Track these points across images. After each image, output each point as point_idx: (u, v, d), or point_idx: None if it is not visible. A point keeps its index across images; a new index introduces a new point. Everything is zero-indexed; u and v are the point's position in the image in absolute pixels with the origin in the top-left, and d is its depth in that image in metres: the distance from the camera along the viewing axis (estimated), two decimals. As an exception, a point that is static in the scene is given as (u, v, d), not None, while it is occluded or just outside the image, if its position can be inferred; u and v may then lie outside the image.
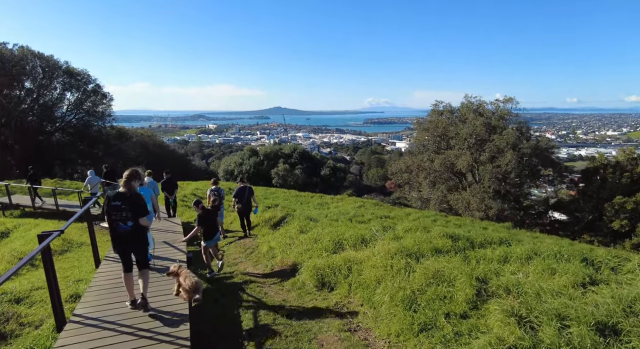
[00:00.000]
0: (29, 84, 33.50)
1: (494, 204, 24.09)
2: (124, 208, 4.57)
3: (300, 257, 6.42)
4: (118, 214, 4.60)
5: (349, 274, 5.28)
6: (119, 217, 4.60)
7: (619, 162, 24.25)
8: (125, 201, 4.58)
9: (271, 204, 20.13)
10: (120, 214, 4.59)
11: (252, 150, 33.25)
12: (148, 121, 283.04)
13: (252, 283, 6.10)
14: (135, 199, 4.64)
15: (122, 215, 4.59)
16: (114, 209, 4.60)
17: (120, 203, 4.57)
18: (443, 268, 4.45)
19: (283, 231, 8.20)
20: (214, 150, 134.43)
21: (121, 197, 4.60)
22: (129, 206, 4.58)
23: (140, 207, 4.64)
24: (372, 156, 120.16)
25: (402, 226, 6.66)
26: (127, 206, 4.58)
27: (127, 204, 4.58)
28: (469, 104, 28.97)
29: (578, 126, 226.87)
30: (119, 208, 4.58)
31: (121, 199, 4.58)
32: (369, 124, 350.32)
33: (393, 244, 5.63)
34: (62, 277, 6.69)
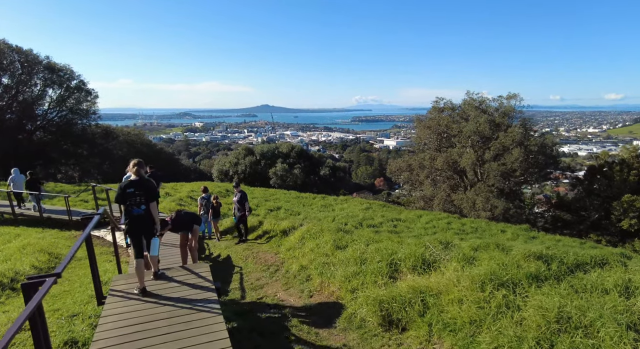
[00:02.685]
0: (6, 79, 31.38)
1: (499, 203, 23.44)
2: (137, 194, 5.00)
3: (349, 283, 5.31)
4: (133, 199, 5.00)
5: (424, 311, 4.21)
6: (133, 201, 5.01)
7: (625, 159, 23.88)
8: (138, 187, 5.00)
9: (273, 206, 19.01)
10: (135, 199, 5.00)
11: (248, 149, 31.83)
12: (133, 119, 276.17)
13: (293, 317, 4.97)
14: (147, 184, 5.14)
15: (136, 200, 5.00)
16: (129, 195, 5.00)
17: (133, 189, 4.98)
18: (564, 305, 3.44)
19: (313, 245, 7.07)
20: (201, 148, 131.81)
21: (134, 184, 5.01)
22: (142, 191, 5.01)
23: (152, 191, 5.16)
24: (361, 154, 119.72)
25: (468, 244, 5.63)
26: (140, 191, 5.01)
27: (140, 190, 5.00)
28: (471, 100, 28.29)
29: (561, 123, 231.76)
30: (133, 194, 4.99)
31: (134, 186, 4.99)
32: (357, 122, 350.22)
33: (471, 269, 4.59)
34: (51, 310, 5.46)
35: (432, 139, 28.89)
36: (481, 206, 23.51)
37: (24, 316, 2.23)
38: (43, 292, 2.56)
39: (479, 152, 25.54)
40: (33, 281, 2.79)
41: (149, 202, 5.08)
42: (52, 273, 2.87)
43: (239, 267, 7.69)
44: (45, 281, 2.72)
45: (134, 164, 5.16)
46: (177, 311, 4.13)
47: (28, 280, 2.81)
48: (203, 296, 4.45)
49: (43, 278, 2.81)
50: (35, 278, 2.84)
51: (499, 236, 14.21)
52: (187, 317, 4.00)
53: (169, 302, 4.34)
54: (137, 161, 5.21)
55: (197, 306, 4.21)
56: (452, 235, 13.62)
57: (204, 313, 4.07)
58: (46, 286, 2.65)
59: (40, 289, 2.51)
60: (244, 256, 8.32)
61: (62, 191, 20.51)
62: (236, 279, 6.97)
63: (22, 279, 7.63)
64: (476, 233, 14.99)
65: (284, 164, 28.91)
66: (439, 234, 14.02)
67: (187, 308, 4.17)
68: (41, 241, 10.33)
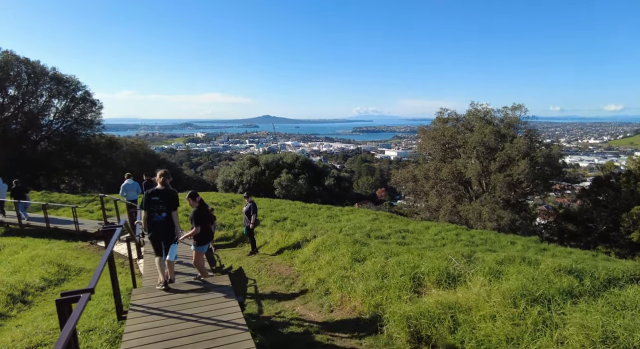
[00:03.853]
0: (13, 90, 31.59)
1: (505, 214, 23.28)
2: (160, 202, 5.42)
3: (371, 298, 5.18)
4: (155, 207, 5.42)
5: (455, 327, 4.08)
6: (156, 209, 5.42)
7: (631, 171, 23.78)
8: (162, 196, 5.44)
9: (279, 217, 18.89)
10: (158, 206, 5.41)
11: (252, 159, 31.79)
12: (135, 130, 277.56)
13: (316, 333, 4.83)
14: (171, 193, 5.54)
15: (159, 207, 5.41)
16: (153, 203, 5.42)
17: (158, 198, 5.42)
18: (607, 324, 3.33)
19: (329, 257, 6.95)
20: (203, 159, 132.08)
21: (159, 193, 5.45)
22: (165, 200, 5.44)
23: (174, 201, 5.56)
24: (362, 164, 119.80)
25: (492, 257, 5.51)
26: (164, 200, 5.43)
27: (163, 199, 5.43)
28: (475, 111, 28.39)
29: (561, 134, 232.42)
30: (157, 202, 5.42)
31: (159, 195, 5.44)
32: (358, 133, 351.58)
33: (500, 284, 4.48)
34: (68, 324, 5.30)
35: (436, 150, 28.87)
36: (487, 217, 23.37)
37: (66, 335, 2.12)
38: (80, 309, 2.46)
39: (484, 163, 25.50)
40: (67, 298, 2.69)
41: (171, 211, 5.49)
42: (86, 289, 2.77)
43: (253, 280, 7.56)
44: (80, 297, 2.62)
45: (160, 174, 5.63)
46: (201, 327, 4.01)
47: (62, 296, 2.71)
48: (226, 312, 4.33)
49: (77, 293, 2.71)
50: (69, 293, 2.74)
51: (510, 248, 14.06)
52: (212, 334, 3.88)
53: (191, 318, 4.22)
54: (163, 172, 5.69)
55: (222, 322, 4.09)
56: (462, 247, 13.49)
57: (230, 329, 3.95)
58: (82, 303, 2.55)
59: (74, 314, 2.40)
60: (256, 268, 8.19)
61: (67, 201, 20.44)
62: (251, 292, 6.84)
63: (33, 292, 7.51)
64: (486, 245, 14.83)
65: (289, 174, 28.85)
66: (448, 246, 13.88)
67: (211, 324, 4.05)
68: (49, 252, 10.21)
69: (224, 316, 4.23)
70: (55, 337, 4.79)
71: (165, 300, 4.70)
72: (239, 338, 3.80)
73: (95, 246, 12.45)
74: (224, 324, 4.06)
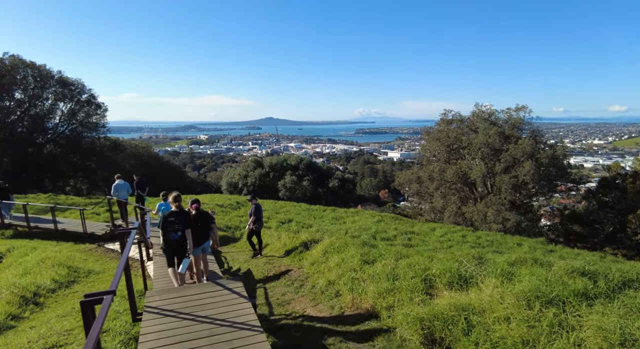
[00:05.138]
0: (19, 94, 31.86)
1: (511, 215, 23.20)
2: (176, 222, 6.11)
3: (383, 300, 5.19)
4: (171, 227, 6.09)
5: (469, 330, 4.08)
6: (172, 229, 6.09)
7: (638, 171, 23.65)
8: (177, 217, 6.14)
9: (284, 219, 18.92)
10: (174, 226, 6.09)
11: (257, 161, 31.85)
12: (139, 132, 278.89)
13: (328, 335, 4.84)
14: (185, 215, 6.29)
15: (175, 227, 6.10)
16: (169, 223, 6.10)
17: (174, 219, 6.11)
18: (625, 326, 3.32)
19: (338, 259, 6.96)
20: (206, 161, 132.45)
21: (174, 215, 6.14)
22: (180, 221, 6.14)
23: (188, 221, 6.26)
24: (365, 165, 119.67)
25: (503, 258, 5.51)
26: (179, 220, 6.13)
27: (179, 219, 6.13)
28: (479, 112, 28.37)
29: (565, 135, 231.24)
30: (173, 222, 6.10)
31: (174, 216, 6.13)
32: (361, 134, 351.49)
33: (512, 285, 4.48)
34: (80, 326, 5.35)
35: (441, 151, 28.84)
36: (492, 218, 23.29)
37: (95, 336, 2.15)
38: (105, 310, 2.49)
39: (489, 165, 25.45)
40: (91, 299, 2.73)
41: (185, 229, 6.18)
42: (108, 290, 2.81)
43: (262, 282, 7.58)
44: (104, 299, 2.66)
45: (174, 198, 6.27)
46: (216, 329, 4.03)
47: (86, 297, 2.75)
48: (241, 313, 4.35)
49: (100, 295, 2.74)
50: (92, 295, 2.77)
51: (517, 249, 14.02)
52: (228, 335, 3.90)
53: (206, 319, 4.24)
54: (176, 195, 6.32)
55: (237, 324, 4.11)
56: (469, 248, 13.46)
57: (245, 331, 3.97)
58: (106, 304, 2.58)
59: (101, 308, 2.44)
60: (265, 270, 8.21)
61: (74, 203, 20.59)
62: (261, 294, 6.86)
63: (44, 293, 7.57)
64: (492, 246, 14.80)
65: (293, 176, 28.89)
66: (455, 248, 13.86)
67: (226, 326, 4.07)
68: (58, 255, 10.28)
69: (239, 318, 4.25)
70: (70, 338, 4.83)
71: (179, 302, 4.73)
72: (254, 339, 3.82)
73: (103, 248, 12.52)
74: (239, 326, 4.09)
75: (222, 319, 4.23)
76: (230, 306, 4.57)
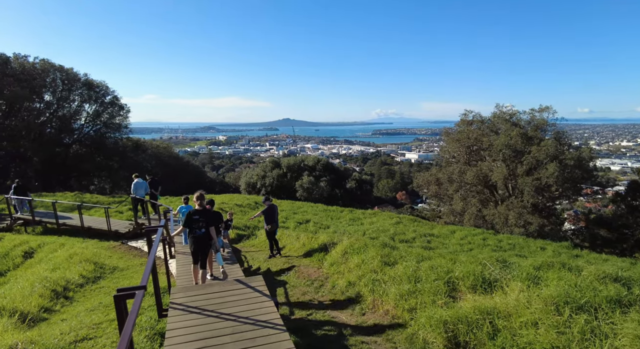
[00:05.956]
0: (48, 96, 33.15)
1: (533, 219, 22.58)
2: (200, 220, 6.46)
3: (405, 302, 5.15)
4: (196, 224, 6.45)
5: (495, 334, 4.01)
6: (197, 226, 6.46)
7: (670, 174, 22.63)
8: (201, 215, 6.49)
9: (302, 219, 18.99)
10: (198, 224, 6.45)
11: (275, 162, 32.09)
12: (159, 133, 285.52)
13: (349, 336, 4.83)
14: (208, 213, 6.61)
15: (199, 224, 6.45)
16: (194, 221, 6.46)
17: (198, 217, 6.46)
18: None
19: (358, 260, 6.94)
20: (224, 161, 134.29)
21: (199, 213, 6.51)
22: (204, 218, 6.49)
23: (211, 219, 6.59)
24: (382, 167, 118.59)
25: (529, 262, 5.38)
26: (203, 218, 6.48)
27: (203, 217, 6.48)
28: (501, 113, 27.75)
29: (591, 136, 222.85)
30: (198, 220, 6.46)
31: (199, 214, 6.49)
32: (378, 135, 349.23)
33: (539, 290, 4.36)
34: (108, 320, 5.51)
35: (460, 152, 28.36)
36: (514, 221, 22.73)
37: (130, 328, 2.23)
38: (138, 304, 2.57)
39: (511, 166, 24.85)
40: (123, 294, 2.82)
41: (209, 227, 6.50)
42: (139, 286, 2.90)
43: (281, 281, 7.63)
44: (136, 294, 2.74)
45: (197, 197, 6.61)
46: (240, 327, 4.09)
47: (118, 292, 2.84)
48: (263, 312, 4.40)
49: (132, 290, 2.83)
50: (125, 290, 2.87)
51: (540, 253, 13.64)
52: (251, 333, 3.95)
53: (230, 317, 4.31)
54: (199, 195, 6.65)
55: (260, 322, 4.16)
56: (489, 252, 13.18)
57: (268, 329, 4.01)
58: (139, 299, 2.66)
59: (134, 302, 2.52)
60: (285, 270, 8.26)
61: (98, 201, 21.22)
62: (281, 294, 6.90)
63: (73, 288, 7.84)
64: (514, 250, 14.47)
65: (310, 176, 28.97)
66: (475, 251, 13.60)
67: (249, 324, 4.12)
68: (85, 251, 10.63)
69: (261, 316, 4.30)
70: (99, 332, 4.99)
71: (202, 299, 4.82)
72: (277, 338, 3.85)
73: (126, 245, 12.87)
74: (262, 324, 4.13)
75: (245, 317, 4.29)
76: (253, 305, 4.62)
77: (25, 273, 9.82)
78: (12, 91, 27.65)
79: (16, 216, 15.22)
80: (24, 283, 7.68)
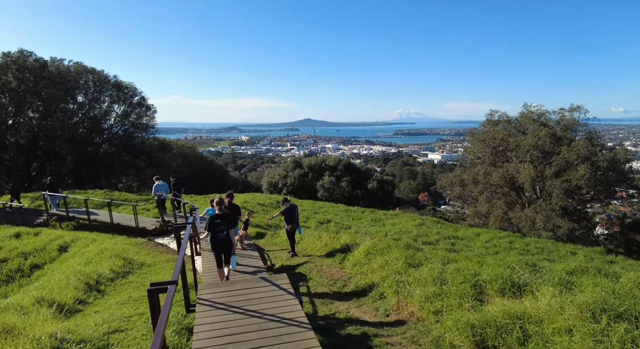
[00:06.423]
0: (81, 97, 34.59)
1: (562, 222, 21.74)
2: (222, 223, 6.80)
3: (430, 304, 5.08)
4: (218, 228, 6.79)
5: (525, 340, 3.89)
6: (218, 229, 6.79)
7: None
8: (223, 219, 6.83)
9: (323, 219, 19.02)
10: (220, 227, 6.78)
11: (296, 162, 32.31)
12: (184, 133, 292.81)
13: (374, 337, 4.81)
14: (229, 216, 6.98)
15: (221, 228, 6.79)
16: (216, 225, 6.79)
17: (220, 221, 6.80)
18: None
19: (381, 261, 6.89)
20: (247, 161, 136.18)
21: (220, 217, 6.85)
22: (225, 222, 6.83)
23: (232, 222, 6.97)
24: (404, 167, 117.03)
25: (561, 267, 5.20)
26: (224, 221, 6.82)
27: (224, 221, 6.82)
28: (528, 113, 26.93)
29: (626, 137, 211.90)
30: (219, 224, 6.79)
31: (220, 218, 6.83)
32: (400, 135, 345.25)
33: (573, 296, 4.21)
34: (137, 314, 5.70)
35: (486, 153, 27.71)
36: (542, 225, 21.97)
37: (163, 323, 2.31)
38: (170, 298, 2.66)
39: (538, 168, 24.06)
40: (156, 288, 2.92)
41: (229, 229, 6.87)
42: (171, 281, 2.99)
43: (304, 280, 7.67)
44: (168, 288, 2.84)
45: (217, 202, 7.10)
46: (265, 324, 4.15)
47: (151, 286, 2.94)
48: (288, 309, 4.45)
49: (164, 284, 2.93)
50: (157, 284, 2.97)
51: (571, 258, 13.14)
52: (277, 331, 4.00)
53: (255, 314, 4.38)
54: (218, 200, 7.11)
55: (285, 319, 4.21)
56: (516, 255, 12.79)
57: (293, 327, 4.05)
58: (171, 293, 2.76)
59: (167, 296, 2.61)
60: (307, 269, 8.30)
61: (126, 199, 21.94)
62: (303, 292, 6.94)
63: (105, 282, 8.16)
64: (543, 254, 14.00)
65: (331, 177, 28.98)
66: (501, 254, 13.24)
67: (275, 321, 4.18)
68: (115, 247, 11.02)
69: (287, 314, 4.34)
70: (130, 324, 5.17)
71: (228, 296, 4.91)
72: (303, 336, 3.88)
73: (153, 242, 13.25)
74: (287, 322, 4.17)
75: (270, 315, 4.34)
76: (278, 302, 4.68)
77: (61, 266, 10.31)
78: (48, 93, 29.02)
79: (51, 211, 15.97)
80: (60, 276, 8.05)
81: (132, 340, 4.77)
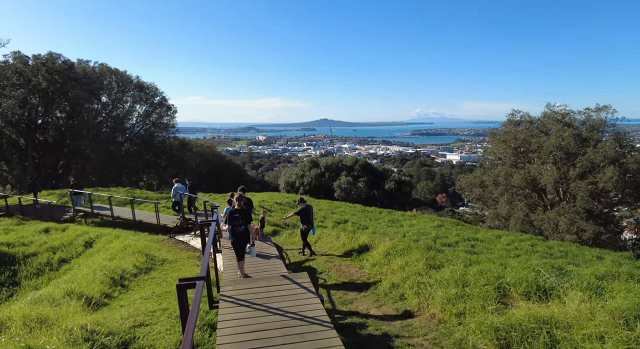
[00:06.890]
0: (105, 98, 35.62)
1: (588, 226, 21.03)
2: (240, 218, 7.13)
3: (452, 306, 5.02)
4: (236, 222, 7.10)
5: (553, 345, 3.79)
6: (237, 223, 7.10)
7: None
8: (240, 213, 7.16)
9: (340, 219, 19.02)
10: (238, 221, 7.10)
11: (313, 161, 32.40)
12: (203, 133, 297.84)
13: (395, 338, 4.79)
14: (246, 211, 7.32)
15: (239, 222, 7.10)
16: (235, 219, 7.12)
17: (238, 215, 7.13)
18: None
19: (401, 262, 6.85)
20: (263, 161, 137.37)
21: (238, 211, 7.19)
22: (243, 216, 7.16)
23: (249, 216, 7.32)
24: (421, 168, 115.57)
25: (590, 271, 5.06)
26: (242, 216, 7.15)
27: (242, 215, 7.15)
28: (552, 113, 26.14)
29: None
30: (238, 218, 7.12)
31: (238, 213, 7.17)
32: (417, 135, 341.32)
33: (603, 301, 4.08)
34: (161, 309, 5.83)
35: (507, 154, 27.07)
36: (565, 228, 21.31)
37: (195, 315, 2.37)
38: (199, 293, 2.73)
39: (562, 169, 23.35)
40: (185, 283, 3.00)
41: (247, 224, 7.18)
42: (199, 276, 3.07)
43: (323, 279, 7.70)
44: (197, 284, 2.91)
45: (237, 198, 7.58)
46: (288, 322, 4.19)
47: (180, 282, 3.02)
48: (310, 308, 4.48)
49: (193, 280, 3.00)
50: (186, 280, 3.05)
51: (597, 263, 12.70)
52: (299, 329, 4.04)
53: (278, 312, 4.43)
54: (238, 196, 7.76)
55: (307, 318, 4.24)
56: (538, 258, 12.47)
57: (315, 325, 4.08)
58: (200, 288, 2.82)
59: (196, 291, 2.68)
60: (326, 269, 8.32)
61: (147, 197, 22.46)
62: (322, 292, 6.96)
63: (129, 277, 8.38)
64: (566, 258, 13.58)
65: (348, 177, 28.93)
66: (523, 257, 12.91)
67: (297, 319, 4.22)
68: (137, 243, 11.31)
69: (309, 312, 4.37)
70: (154, 319, 5.31)
71: (250, 292, 4.98)
72: (325, 335, 3.91)
73: (174, 239, 13.53)
74: (309, 320, 4.20)
75: (292, 313, 4.38)
76: (299, 300, 4.71)
77: (87, 261, 10.66)
78: (75, 94, 30.03)
79: (77, 208, 16.54)
80: (87, 270, 8.33)
81: (157, 334, 4.89)
